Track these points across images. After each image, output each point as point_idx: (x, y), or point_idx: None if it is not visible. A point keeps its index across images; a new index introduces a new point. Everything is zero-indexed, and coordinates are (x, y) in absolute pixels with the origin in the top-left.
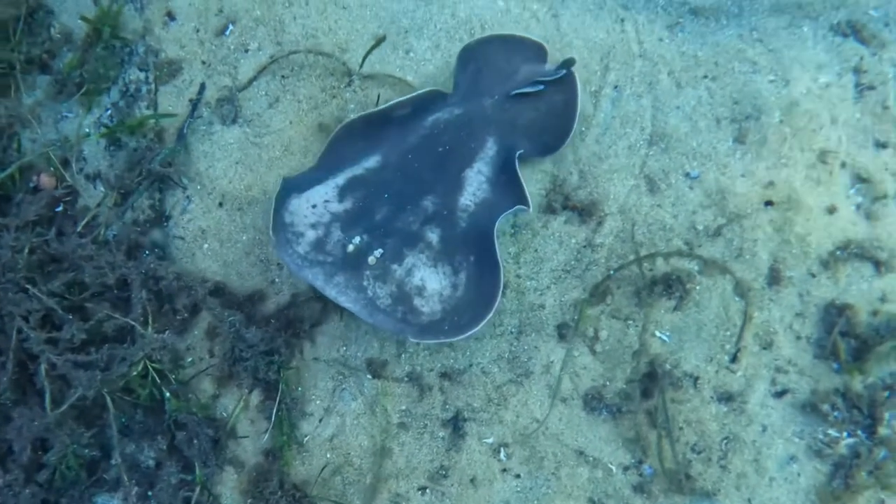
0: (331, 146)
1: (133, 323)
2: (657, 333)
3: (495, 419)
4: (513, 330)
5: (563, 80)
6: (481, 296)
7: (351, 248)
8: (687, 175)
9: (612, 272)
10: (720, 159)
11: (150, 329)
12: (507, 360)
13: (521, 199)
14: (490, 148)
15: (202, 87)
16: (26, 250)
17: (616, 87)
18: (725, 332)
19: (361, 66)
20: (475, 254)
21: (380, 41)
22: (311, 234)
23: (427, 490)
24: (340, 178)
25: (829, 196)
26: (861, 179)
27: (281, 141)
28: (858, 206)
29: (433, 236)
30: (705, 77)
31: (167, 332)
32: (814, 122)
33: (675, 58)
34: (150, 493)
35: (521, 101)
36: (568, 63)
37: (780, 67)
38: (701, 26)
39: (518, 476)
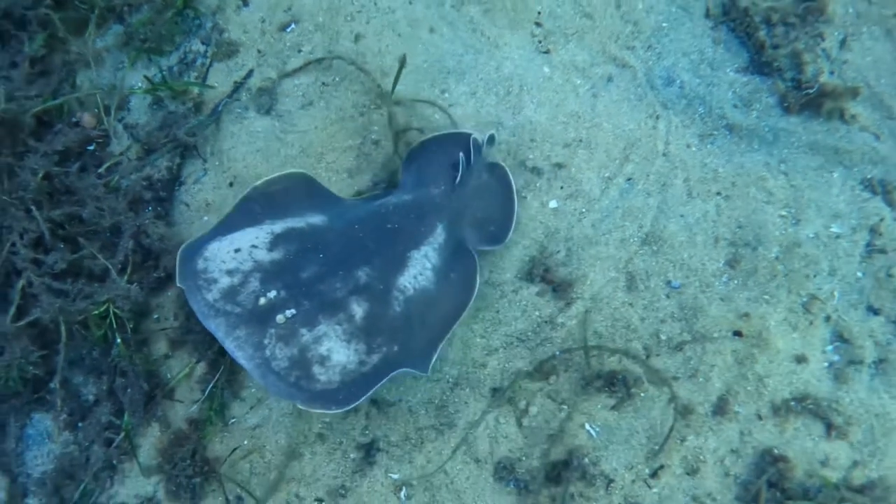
0: (281, 192)
1: (111, 267)
2: (588, 426)
3: (407, 458)
4: (450, 379)
5: (499, 173)
6: (378, 378)
7: (263, 301)
8: (668, 283)
9: (558, 352)
10: (705, 277)
11: (124, 278)
12: (436, 407)
13: (462, 301)
14: (439, 234)
15: (250, 72)
16: (41, 174)
17: (629, 179)
18: (655, 446)
19: (393, 89)
20: (402, 345)
21: (403, 62)
22: (224, 281)
23: (323, 503)
24: (279, 226)
25: (803, 345)
26: (842, 339)
27: (301, 142)
28: (830, 364)
29: (358, 309)
30: (718, 194)
31: (136, 284)
32: (811, 267)
33: (695, 167)
34: (80, 423)
35: (465, 190)
36: (490, 139)
37: (795, 205)
38: (731, 144)
39: None
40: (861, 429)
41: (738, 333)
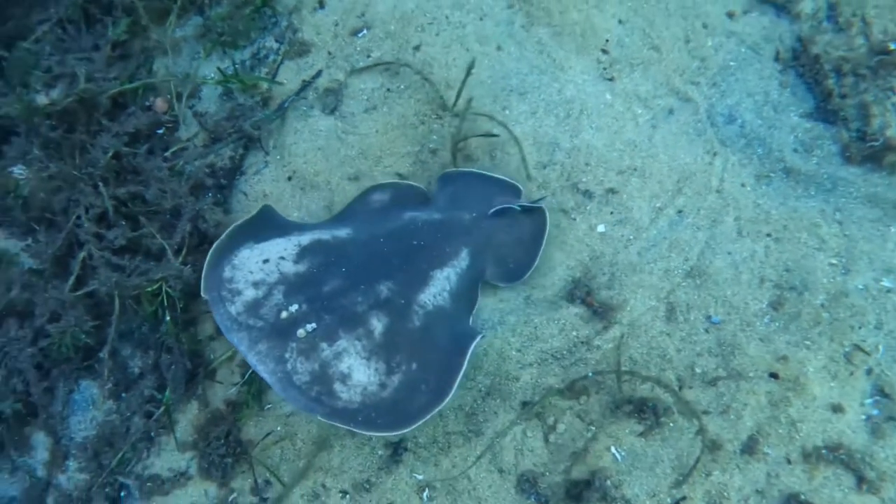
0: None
1: (168, 247)
2: (613, 449)
3: (433, 460)
4: (482, 388)
5: (538, 216)
6: (410, 408)
7: (284, 315)
8: (708, 318)
9: (591, 373)
10: (747, 316)
11: (179, 258)
12: (466, 414)
13: (462, 341)
14: (463, 259)
15: (319, 73)
16: (111, 153)
17: (680, 211)
18: (680, 477)
19: (456, 101)
20: (420, 362)
21: (471, 67)
22: (249, 294)
23: (347, 496)
24: (306, 238)
25: (841, 395)
26: (883, 394)
27: (361, 144)
28: (868, 418)
29: (377, 325)
30: (769, 235)
31: (190, 266)
32: (857, 319)
33: (748, 206)
34: (124, 394)
35: (496, 223)
36: (541, 200)
37: (847, 255)
38: (787, 187)
39: None
40: (895, 486)
41: (774, 375)
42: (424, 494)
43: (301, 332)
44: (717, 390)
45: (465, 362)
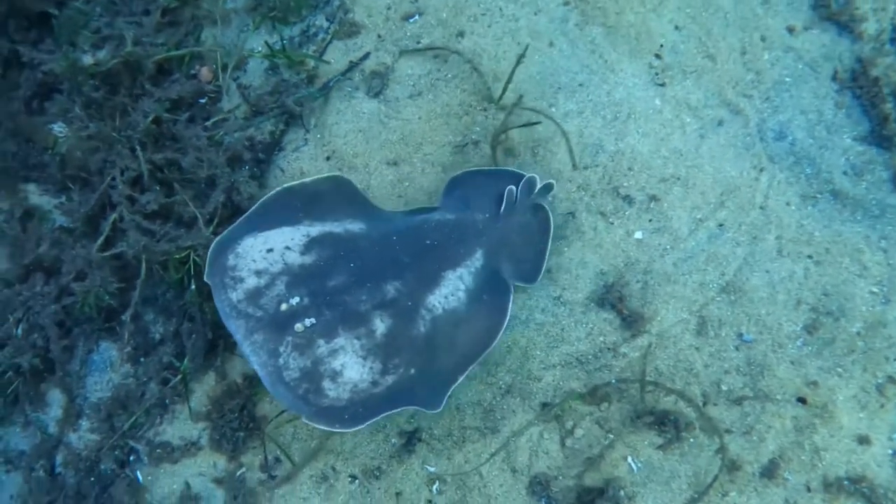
0: (325, 193)
1: (200, 216)
2: (630, 459)
3: (446, 453)
4: (502, 385)
5: (542, 215)
6: (393, 404)
7: (284, 307)
8: (739, 335)
9: (614, 381)
10: (779, 338)
11: (210, 228)
12: (483, 409)
13: (495, 327)
14: (477, 259)
15: (366, 55)
16: (151, 118)
17: (721, 225)
18: (695, 494)
19: (503, 92)
20: (419, 369)
21: (521, 57)
22: (251, 282)
23: (356, 480)
24: (316, 229)
25: (869, 426)
26: None
27: (403, 129)
28: (895, 453)
29: (380, 325)
30: (810, 257)
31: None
32: (893, 350)
33: (791, 226)
34: (142, 359)
35: (509, 223)
36: (548, 187)
37: (889, 284)
38: (833, 210)
39: None
40: None
41: (802, 400)
42: (434, 487)
43: (299, 327)
44: (742, 410)
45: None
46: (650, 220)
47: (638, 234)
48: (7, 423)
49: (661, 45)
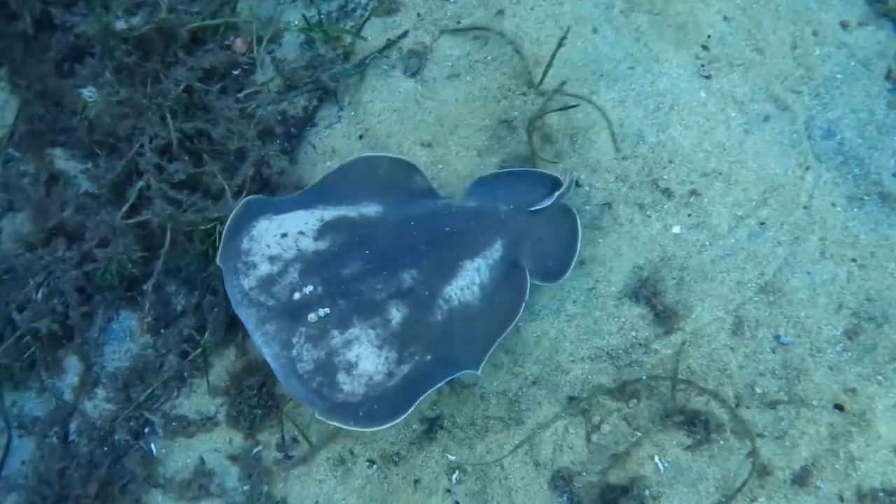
0: (335, 175)
1: (227, 188)
2: (657, 459)
3: (468, 443)
4: (529, 376)
5: (570, 216)
6: (413, 393)
7: (297, 296)
8: (777, 337)
9: (645, 377)
10: (818, 342)
11: (237, 201)
12: (509, 400)
13: (507, 318)
14: (496, 250)
15: (405, 33)
16: (183, 86)
17: (762, 223)
18: (722, 498)
19: (544, 75)
20: (436, 355)
21: (563, 39)
22: (263, 269)
23: (374, 465)
24: (330, 213)
25: None
26: None
27: (439, 111)
28: None
29: (396, 314)
30: (853, 260)
31: None
32: None
33: (835, 227)
34: (162, 330)
35: (535, 217)
36: (571, 179)
37: None
38: (881, 213)
39: (457, 503)
40: None
41: (839, 407)
42: (454, 476)
43: (312, 317)
44: (776, 414)
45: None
46: (689, 215)
47: (676, 229)
48: (23, 388)
49: (709, 36)
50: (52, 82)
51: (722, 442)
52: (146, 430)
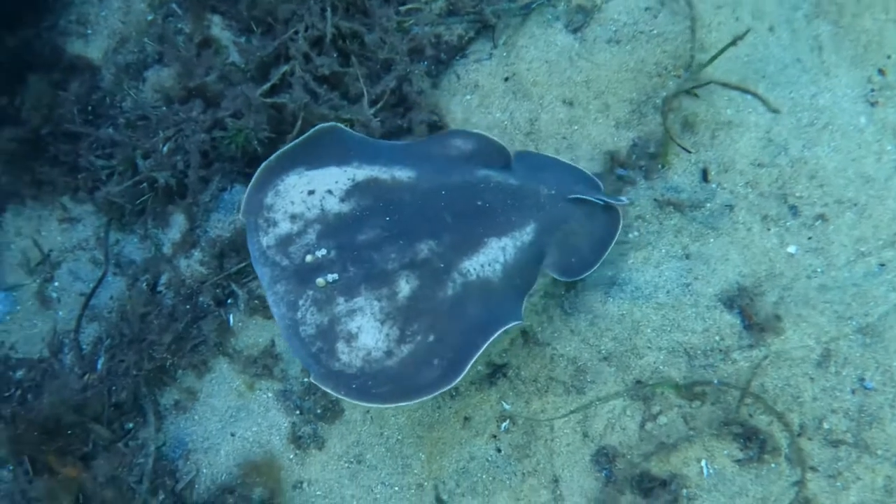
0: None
1: (366, 94)
2: (704, 463)
3: (525, 397)
4: (603, 350)
5: (614, 218)
6: (415, 381)
7: (309, 258)
8: (861, 380)
9: (716, 381)
10: None
11: (372, 109)
12: (576, 367)
13: (514, 313)
14: (527, 233)
15: None
16: None
17: (883, 265)
18: None
19: (708, 63)
20: (439, 336)
21: (737, 39)
22: (284, 227)
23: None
24: (363, 172)
25: None
26: None
27: (590, 73)
28: None
29: (405, 287)
30: None
31: (378, 120)
32: None
33: None
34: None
35: (572, 209)
36: (627, 200)
37: None
38: None
39: (499, 450)
40: None
41: None
42: (504, 425)
43: (321, 282)
44: (836, 453)
45: (486, 344)
46: (809, 238)
47: (791, 248)
48: (128, 230)
49: (889, 57)
50: None
51: (773, 465)
52: (229, 300)
